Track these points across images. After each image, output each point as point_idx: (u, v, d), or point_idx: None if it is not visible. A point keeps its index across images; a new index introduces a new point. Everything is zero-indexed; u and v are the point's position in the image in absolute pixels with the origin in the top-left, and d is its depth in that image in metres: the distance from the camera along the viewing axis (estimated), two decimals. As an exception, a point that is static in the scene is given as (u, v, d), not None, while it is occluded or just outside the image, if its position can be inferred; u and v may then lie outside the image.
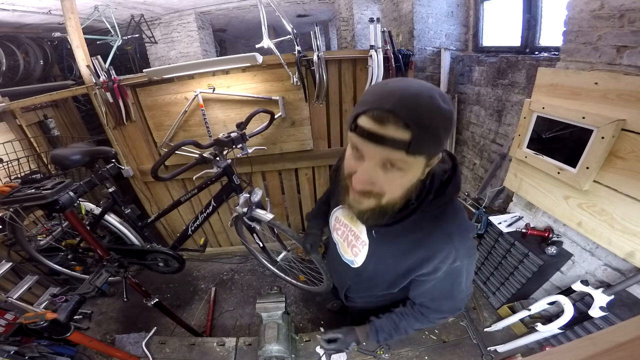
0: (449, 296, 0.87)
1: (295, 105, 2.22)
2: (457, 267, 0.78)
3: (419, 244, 0.77)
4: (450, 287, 0.84)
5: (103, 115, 2.18)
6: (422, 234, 0.76)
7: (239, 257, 2.99)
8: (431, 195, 0.71)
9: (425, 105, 0.54)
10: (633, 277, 1.18)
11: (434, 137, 0.57)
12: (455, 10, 2.45)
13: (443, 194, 0.72)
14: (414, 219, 0.74)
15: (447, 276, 0.80)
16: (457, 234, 0.75)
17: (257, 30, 1.96)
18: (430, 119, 0.55)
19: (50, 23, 3.80)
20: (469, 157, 2.57)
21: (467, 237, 0.78)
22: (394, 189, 0.64)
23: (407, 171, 0.61)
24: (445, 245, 0.75)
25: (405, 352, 1.51)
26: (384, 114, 0.54)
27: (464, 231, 0.77)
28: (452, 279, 0.81)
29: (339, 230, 1.00)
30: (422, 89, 0.56)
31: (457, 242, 0.75)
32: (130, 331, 1.74)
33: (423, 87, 0.57)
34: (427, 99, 0.55)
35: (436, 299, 0.89)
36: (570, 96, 1.27)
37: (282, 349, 1.41)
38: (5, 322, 1.52)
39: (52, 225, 1.98)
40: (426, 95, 0.55)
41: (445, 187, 0.73)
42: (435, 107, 0.55)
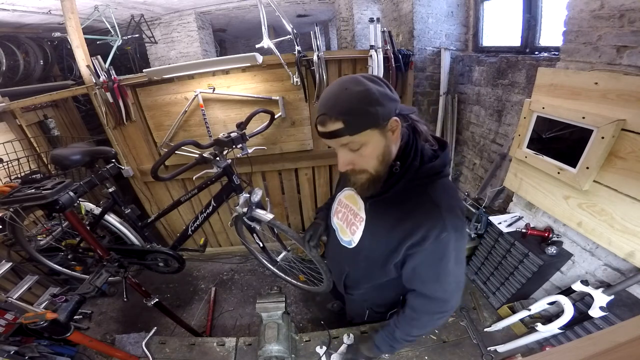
0: (437, 278, 0.87)
1: (295, 105, 2.22)
2: (444, 240, 0.79)
3: (408, 214, 0.82)
4: (437, 265, 0.84)
5: (103, 115, 2.18)
6: (411, 204, 0.82)
7: (239, 257, 2.99)
8: (416, 162, 0.79)
9: (342, 97, 0.71)
10: (633, 277, 1.18)
11: (359, 114, 0.71)
12: (455, 10, 2.45)
13: (429, 165, 0.80)
14: (404, 189, 0.81)
15: (435, 250, 0.82)
16: (445, 204, 0.79)
17: (257, 30, 1.96)
18: (349, 102, 0.70)
19: (50, 23, 3.80)
20: (469, 157, 2.57)
21: (455, 211, 0.81)
22: (368, 160, 0.78)
23: (366, 145, 0.75)
24: (432, 214, 0.79)
25: (405, 352, 1.51)
26: (321, 117, 0.73)
27: (452, 204, 0.81)
28: (439, 254, 0.83)
29: (340, 213, 1.08)
30: (339, 85, 0.73)
31: (444, 211, 0.78)
32: (130, 331, 1.74)
33: (342, 82, 0.74)
34: (342, 92, 0.71)
35: (425, 282, 0.90)
36: (570, 96, 1.27)
37: (282, 349, 1.41)
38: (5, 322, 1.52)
39: (52, 225, 1.98)
40: (342, 89, 0.72)
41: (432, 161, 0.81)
42: (350, 93, 0.70)
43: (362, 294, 1.21)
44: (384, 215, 0.89)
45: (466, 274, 1.95)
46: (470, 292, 1.83)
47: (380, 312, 1.30)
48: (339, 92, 0.72)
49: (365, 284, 1.14)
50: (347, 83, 0.73)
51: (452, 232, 0.79)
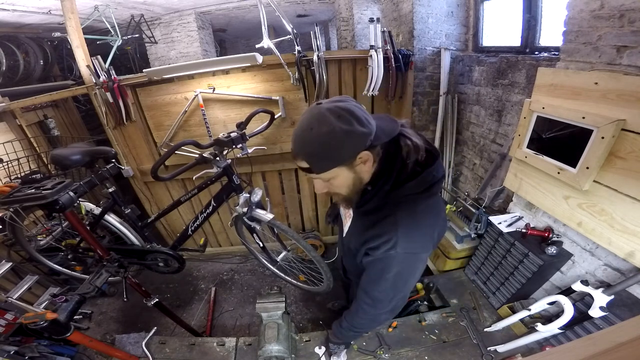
0: (376, 283, 0.95)
1: (295, 105, 2.22)
2: (391, 256, 0.85)
3: (374, 224, 0.88)
4: (380, 272, 0.92)
5: (103, 115, 2.18)
6: (379, 217, 0.87)
7: (239, 257, 2.99)
8: (387, 186, 0.82)
9: (307, 138, 0.73)
10: (633, 277, 1.18)
11: (322, 157, 0.75)
12: (455, 10, 2.44)
13: (403, 188, 0.81)
14: (379, 204, 0.87)
15: (381, 259, 0.88)
16: (403, 227, 0.83)
17: (257, 30, 1.96)
18: (312, 146, 0.74)
19: (50, 23, 3.80)
20: (469, 157, 2.57)
21: (412, 236, 0.84)
22: (338, 189, 0.85)
23: (335, 179, 0.80)
24: (389, 231, 0.84)
25: (405, 352, 1.51)
26: (292, 153, 0.80)
27: (412, 229, 0.84)
28: (383, 264, 0.89)
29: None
30: (306, 123, 0.73)
31: (400, 233, 0.82)
32: (130, 331, 1.74)
33: (309, 119, 0.73)
34: (308, 132, 0.73)
35: (367, 281, 0.98)
36: (570, 96, 1.27)
37: (282, 349, 1.41)
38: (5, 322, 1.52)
39: (52, 225, 1.98)
40: (307, 128, 0.72)
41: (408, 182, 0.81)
42: (314, 135, 0.72)
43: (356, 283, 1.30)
44: (362, 218, 0.97)
45: (466, 274, 1.95)
46: (470, 292, 1.83)
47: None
48: (305, 131, 0.73)
49: (352, 270, 1.27)
50: (312, 122, 0.72)
51: (401, 253, 0.84)
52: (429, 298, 1.88)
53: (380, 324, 1.13)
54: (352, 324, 1.15)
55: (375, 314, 1.04)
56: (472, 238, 1.95)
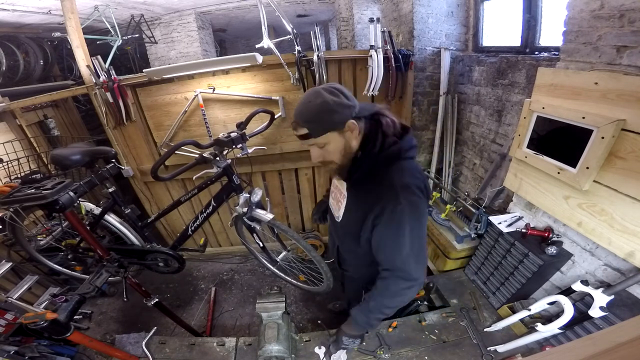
0: (395, 247, 0.99)
1: (295, 105, 2.21)
2: (399, 211, 0.93)
3: (371, 191, 0.99)
4: (395, 234, 0.97)
5: (103, 115, 2.18)
6: (374, 183, 0.98)
7: (239, 257, 2.99)
8: (375, 149, 0.94)
9: (307, 108, 0.90)
10: (633, 277, 1.18)
11: (319, 122, 0.90)
12: (455, 10, 2.44)
13: (389, 151, 0.95)
14: (369, 171, 0.97)
15: (391, 220, 0.95)
16: (399, 183, 0.94)
17: (257, 30, 1.96)
18: (310, 113, 0.90)
19: (50, 23, 3.80)
20: (469, 157, 2.57)
21: (410, 188, 0.95)
22: (332, 156, 0.97)
23: (329, 144, 0.94)
24: (388, 190, 0.94)
25: (405, 352, 1.51)
26: (293, 124, 0.95)
27: (408, 182, 0.95)
28: (395, 224, 0.96)
29: (333, 193, 1.27)
30: (304, 98, 0.92)
31: (398, 188, 0.93)
32: (130, 331, 1.74)
33: (307, 95, 0.92)
34: (307, 104, 0.90)
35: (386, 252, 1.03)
36: (570, 96, 1.27)
37: (282, 349, 1.41)
38: (5, 322, 1.52)
39: (52, 225, 1.98)
40: (306, 101, 0.90)
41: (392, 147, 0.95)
42: (311, 105, 0.89)
43: (354, 271, 1.36)
44: (357, 192, 1.07)
45: (466, 274, 1.95)
46: (470, 292, 1.83)
47: None
48: (304, 104, 0.91)
49: (353, 258, 1.30)
50: (310, 96, 0.90)
51: (407, 206, 0.93)
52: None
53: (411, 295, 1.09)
54: (382, 303, 1.10)
55: (407, 284, 1.05)
56: (472, 238, 1.95)
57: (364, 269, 1.25)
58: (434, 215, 2.16)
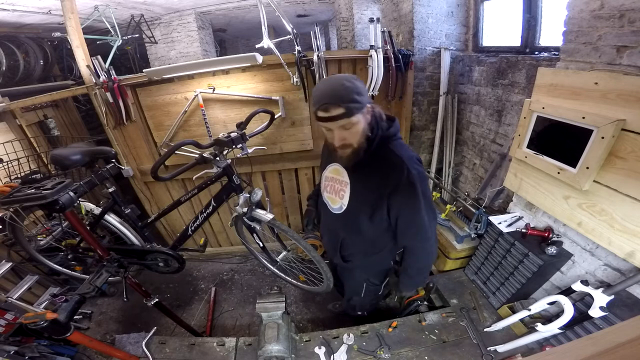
0: (415, 212, 1.12)
1: (295, 105, 2.22)
2: (411, 180, 1.06)
3: (381, 168, 1.10)
4: (413, 200, 1.09)
5: (103, 115, 2.18)
6: (380, 160, 1.10)
7: (239, 257, 2.99)
8: (379, 132, 1.08)
9: (342, 89, 0.97)
10: (633, 277, 1.18)
11: (354, 102, 0.97)
12: (455, 10, 2.44)
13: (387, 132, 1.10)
14: (374, 154, 1.09)
15: (406, 189, 1.08)
16: (404, 155, 1.08)
17: (257, 30, 1.96)
18: (348, 94, 0.97)
19: (50, 23, 3.80)
20: (469, 157, 2.57)
21: (413, 159, 1.10)
22: (355, 137, 1.05)
23: (355, 124, 1.01)
24: (396, 163, 1.07)
25: (405, 352, 1.51)
26: (325, 105, 0.97)
27: (410, 154, 1.11)
28: (411, 191, 1.08)
29: (328, 187, 1.31)
30: (336, 82, 1.00)
31: (405, 158, 1.07)
32: (130, 331, 1.74)
33: (336, 79, 1.02)
34: (341, 86, 0.98)
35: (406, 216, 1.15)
36: (570, 96, 1.27)
37: (282, 349, 1.41)
38: (5, 322, 1.51)
39: (52, 225, 1.98)
40: (340, 85, 0.98)
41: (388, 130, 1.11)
42: (347, 87, 0.97)
43: (358, 262, 1.43)
44: (362, 174, 1.16)
45: (466, 274, 1.96)
46: (470, 292, 1.83)
47: (375, 285, 1.56)
48: (338, 86, 0.98)
49: (358, 249, 1.37)
50: (342, 80, 0.99)
51: (415, 173, 1.06)
52: (429, 298, 1.88)
53: (435, 251, 1.33)
54: (420, 267, 1.31)
55: (430, 243, 1.22)
56: (472, 238, 1.95)
57: (368, 258, 1.39)
58: (434, 215, 2.16)
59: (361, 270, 1.49)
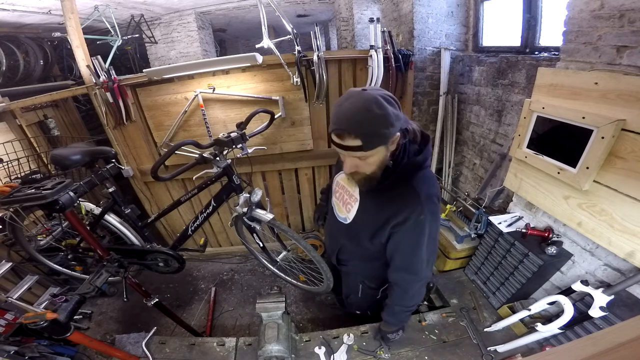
0: (414, 252, 1.06)
1: (295, 105, 2.22)
2: (422, 220, 0.98)
3: (394, 199, 1.01)
4: (415, 240, 1.03)
5: (103, 115, 2.18)
6: (398, 192, 1.00)
7: (239, 257, 2.99)
8: (405, 159, 0.97)
9: (365, 117, 0.80)
10: (633, 277, 1.18)
11: (377, 135, 0.83)
12: (455, 10, 2.45)
13: (414, 160, 0.97)
14: (392, 181, 0.98)
15: (414, 228, 1.00)
16: (424, 193, 0.97)
17: (257, 30, 1.96)
18: (371, 125, 0.81)
19: (50, 23, 3.80)
20: (469, 157, 2.57)
21: (432, 199, 0.99)
22: (369, 168, 0.94)
23: (372, 157, 0.89)
24: (414, 200, 0.97)
25: (405, 352, 1.51)
26: (341, 132, 0.83)
27: (430, 193, 0.99)
28: (417, 232, 1.01)
29: (337, 193, 1.26)
30: (362, 105, 0.80)
31: (423, 198, 0.96)
32: (130, 331, 1.74)
33: (364, 102, 0.81)
34: (365, 112, 0.80)
35: (404, 255, 1.09)
36: (570, 96, 1.27)
37: (282, 349, 1.41)
38: (5, 322, 1.51)
39: (52, 225, 1.98)
40: (364, 109, 0.80)
41: (416, 156, 0.98)
42: (372, 116, 0.80)
43: (353, 266, 1.42)
44: (374, 198, 1.07)
45: (466, 274, 1.96)
46: (470, 292, 1.83)
47: (372, 288, 1.48)
48: (361, 112, 0.80)
49: (355, 256, 1.35)
50: (370, 104, 0.80)
51: (429, 215, 0.98)
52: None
53: (424, 292, 1.26)
54: (405, 305, 1.23)
55: (420, 284, 1.17)
56: (472, 238, 1.95)
57: (364, 264, 1.37)
58: (434, 215, 2.16)
59: (357, 273, 1.47)
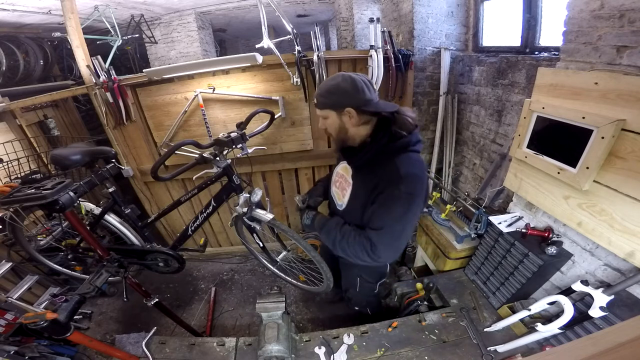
0: (384, 217, 1.10)
1: (295, 105, 2.22)
2: (397, 194, 1.06)
3: (377, 173, 1.11)
4: (387, 208, 1.09)
5: (103, 115, 2.18)
6: (381, 168, 1.10)
7: (239, 257, 2.99)
8: (384, 140, 1.08)
9: (325, 83, 1.12)
10: (633, 277, 1.18)
11: (325, 98, 1.09)
12: (455, 10, 2.45)
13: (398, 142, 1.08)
14: (377, 158, 1.10)
15: (388, 197, 1.08)
16: (404, 170, 1.05)
17: (257, 30, 1.96)
18: (324, 91, 1.10)
19: (50, 23, 3.80)
20: (469, 157, 2.57)
21: (412, 177, 1.06)
22: (330, 129, 1.15)
23: (327, 119, 1.13)
24: (392, 173, 1.06)
25: (405, 352, 1.51)
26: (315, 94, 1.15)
27: (412, 172, 1.07)
28: (389, 202, 1.08)
29: (337, 182, 1.36)
30: (333, 77, 1.10)
31: (402, 174, 1.05)
32: (130, 331, 1.74)
33: (337, 75, 1.09)
34: (328, 81, 1.11)
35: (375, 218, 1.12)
36: (570, 96, 1.27)
37: (282, 349, 1.41)
38: (5, 322, 1.52)
39: (52, 225, 1.98)
40: (330, 79, 1.10)
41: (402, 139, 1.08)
42: (327, 83, 1.11)
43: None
44: (363, 178, 1.19)
45: (466, 274, 1.96)
46: (470, 292, 1.83)
47: (369, 282, 1.57)
48: (326, 80, 1.13)
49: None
50: (336, 76, 1.08)
51: (404, 193, 1.05)
52: (429, 298, 1.88)
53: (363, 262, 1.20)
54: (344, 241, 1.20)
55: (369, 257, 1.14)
56: (472, 238, 1.95)
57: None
58: (434, 215, 2.16)
59: (354, 265, 1.49)
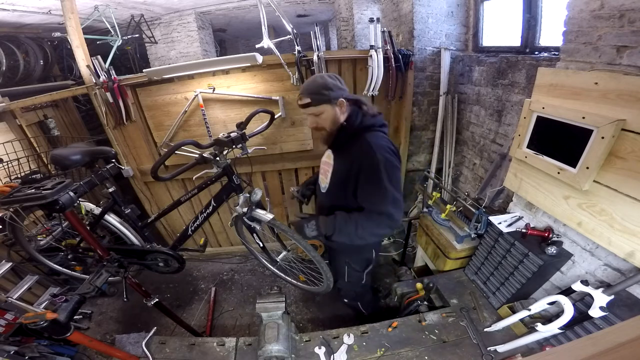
0: (376, 191, 1.21)
1: (295, 105, 2.19)
2: (375, 162, 1.18)
3: (352, 152, 1.27)
4: (374, 181, 1.20)
5: (103, 115, 2.18)
6: (356, 146, 1.26)
7: (239, 257, 2.99)
8: (357, 121, 1.27)
9: (313, 83, 1.25)
10: (633, 277, 1.18)
11: (319, 94, 1.22)
12: (455, 10, 2.44)
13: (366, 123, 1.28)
14: (351, 139, 1.27)
15: (370, 169, 1.20)
16: (374, 142, 1.22)
17: (257, 30, 1.96)
18: (314, 88, 1.23)
19: (50, 23, 3.80)
20: (469, 157, 2.57)
21: (383, 147, 1.22)
22: (324, 123, 1.28)
23: (323, 113, 1.25)
24: (367, 147, 1.21)
25: (405, 352, 1.51)
26: (300, 95, 1.25)
27: (381, 143, 1.23)
28: (373, 172, 1.19)
29: (322, 169, 1.49)
30: (313, 77, 1.30)
31: (374, 146, 1.20)
32: (130, 331, 1.74)
33: (315, 76, 1.30)
34: (312, 81, 1.27)
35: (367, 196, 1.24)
36: (570, 96, 1.27)
37: (282, 349, 1.41)
38: (5, 322, 1.52)
39: (52, 225, 1.98)
40: (313, 79, 1.27)
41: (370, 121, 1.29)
42: (316, 82, 1.25)
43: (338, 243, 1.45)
44: (340, 158, 1.34)
45: (466, 274, 1.96)
46: (470, 292, 1.83)
47: (357, 271, 1.65)
48: (310, 81, 1.26)
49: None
50: (316, 77, 1.27)
51: (382, 158, 1.18)
52: (429, 298, 1.88)
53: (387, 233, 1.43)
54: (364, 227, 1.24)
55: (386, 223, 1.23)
56: (472, 238, 1.95)
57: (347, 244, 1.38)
58: (434, 215, 2.16)
59: (341, 251, 1.60)
